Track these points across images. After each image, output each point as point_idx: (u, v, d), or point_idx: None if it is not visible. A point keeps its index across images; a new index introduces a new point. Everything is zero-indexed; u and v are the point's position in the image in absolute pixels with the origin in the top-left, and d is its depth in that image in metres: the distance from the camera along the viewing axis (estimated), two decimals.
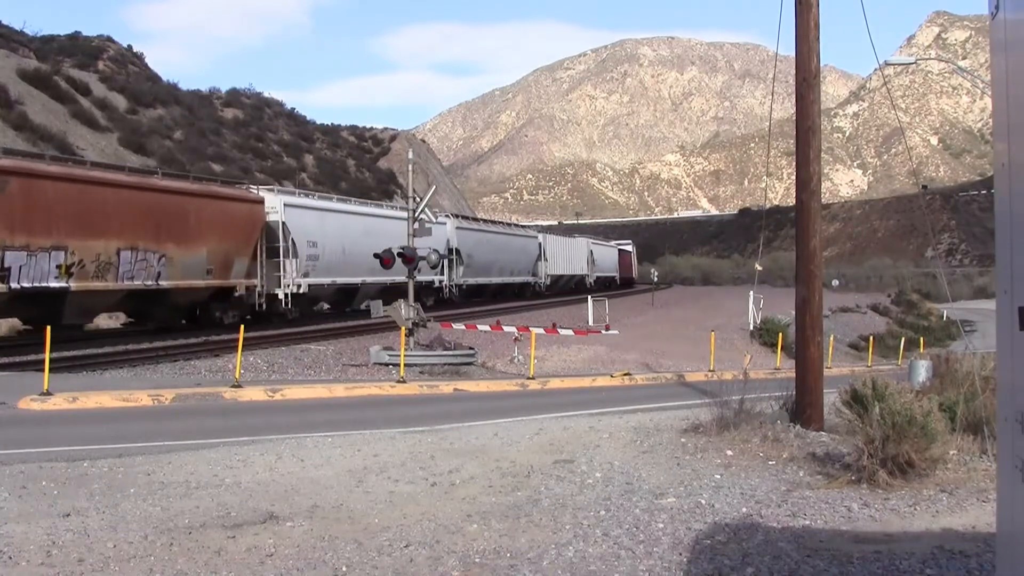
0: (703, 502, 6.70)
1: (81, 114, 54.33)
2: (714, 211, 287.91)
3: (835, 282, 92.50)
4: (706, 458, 8.29)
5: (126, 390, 14.32)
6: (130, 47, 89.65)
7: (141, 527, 6.07)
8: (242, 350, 16.20)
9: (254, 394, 14.81)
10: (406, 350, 18.57)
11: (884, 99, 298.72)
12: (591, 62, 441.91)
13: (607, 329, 26.31)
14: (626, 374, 20.50)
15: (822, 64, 10.29)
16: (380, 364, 19.76)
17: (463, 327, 24.69)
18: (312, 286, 30.18)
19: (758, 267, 33.25)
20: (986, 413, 8.21)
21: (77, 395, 13.45)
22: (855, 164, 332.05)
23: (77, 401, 13.25)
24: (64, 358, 17.67)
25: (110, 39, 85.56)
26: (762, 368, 22.17)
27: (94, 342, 21.22)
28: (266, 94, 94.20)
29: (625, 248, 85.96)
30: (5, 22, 68.38)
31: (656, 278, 67.51)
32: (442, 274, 39.20)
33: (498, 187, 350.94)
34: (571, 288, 61.14)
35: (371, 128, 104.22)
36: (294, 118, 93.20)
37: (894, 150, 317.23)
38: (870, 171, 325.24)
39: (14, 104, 47.03)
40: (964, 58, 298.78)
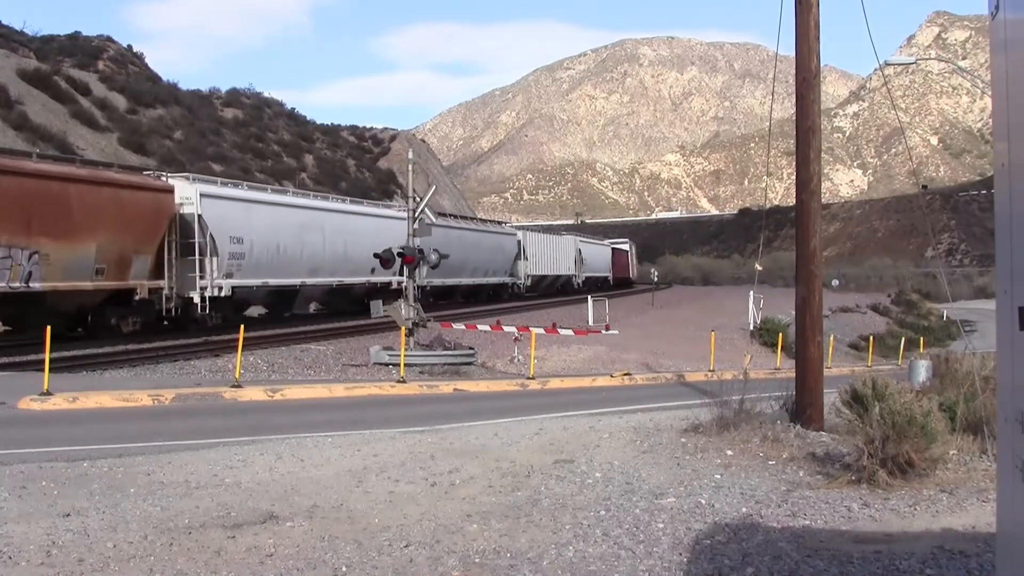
0: (703, 502, 6.70)
1: (81, 114, 54.33)
2: (696, 211, 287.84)
3: (835, 282, 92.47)
4: (706, 458, 8.29)
5: (126, 390, 14.32)
6: (130, 47, 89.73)
7: (141, 527, 6.07)
8: (242, 350, 16.20)
9: (254, 394, 14.81)
10: (406, 350, 18.58)
11: (884, 99, 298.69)
12: (591, 62, 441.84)
13: (607, 329, 26.32)
14: (626, 374, 20.51)
15: (822, 64, 10.29)
16: (380, 364, 19.77)
17: (463, 327, 24.69)
18: (238, 288, 26.47)
19: (758, 267, 33.28)
20: (986, 413, 8.21)
21: (77, 395, 13.45)
22: (855, 164, 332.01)
23: (77, 401, 13.25)
24: (64, 358, 17.67)
25: (110, 39, 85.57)
26: (762, 368, 22.17)
27: (94, 342, 21.22)
28: (266, 94, 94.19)
29: (620, 247, 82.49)
30: (5, 22, 68.51)
31: (656, 278, 66.85)
32: (402, 274, 37.15)
33: (498, 187, 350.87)
34: (557, 289, 59.07)
35: (371, 128, 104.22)
36: (294, 118, 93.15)
37: (894, 150, 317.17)
38: (870, 171, 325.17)
39: (14, 104, 47.04)
40: (964, 58, 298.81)
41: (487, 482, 7.49)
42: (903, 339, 39.42)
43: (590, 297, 35.76)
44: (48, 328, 14.67)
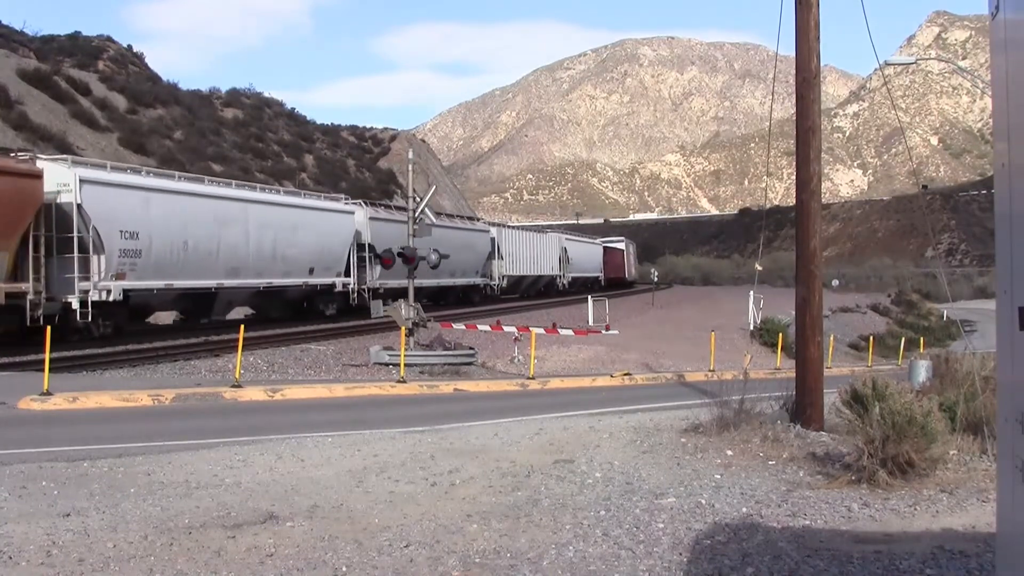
0: (703, 502, 6.70)
1: (81, 114, 54.32)
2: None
3: (835, 282, 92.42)
4: (706, 458, 8.29)
5: (126, 390, 14.32)
6: (130, 47, 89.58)
7: (141, 527, 6.07)
8: (242, 350, 16.21)
9: (254, 394, 14.81)
10: (406, 350, 18.58)
11: (884, 99, 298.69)
12: (591, 62, 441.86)
13: (607, 329, 26.31)
14: (626, 374, 20.51)
15: (822, 64, 10.29)
16: (380, 364, 19.77)
17: (463, 327, 24.70)
18: (132, 292, 22.43)
19: (758, 267, 33.29)
20: (986, 413, 8.21)
21: (77, 395, 13.45)
22: (855, 164, 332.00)
23: (77, 401, 13.25)
24: (64, 358, 17.68)
25: (110, 39, 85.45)
26: (762, 368, 22.18)
27: (94, 342, 21.21)
28: (266, 94, 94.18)
29: (615, 246, 78.41)
30: (5, 22, 68.47)
31: (656, 278, 66.54)
32: (348, 276, 32.24)
33: (498, 187, 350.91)
34: (539, 291, 55.33)
35: (371, 128, 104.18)
36: (294, 118, 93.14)
37: (894, 150, 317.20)
38: (870, 171, 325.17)
39: (14, 104, 47.02)
40: (964, 58, 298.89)
41: (487, 482, 7.49)
42: (903, 339, 39.43)
43: (590, 297, 35.73)
44: (48, 328, 14.66)
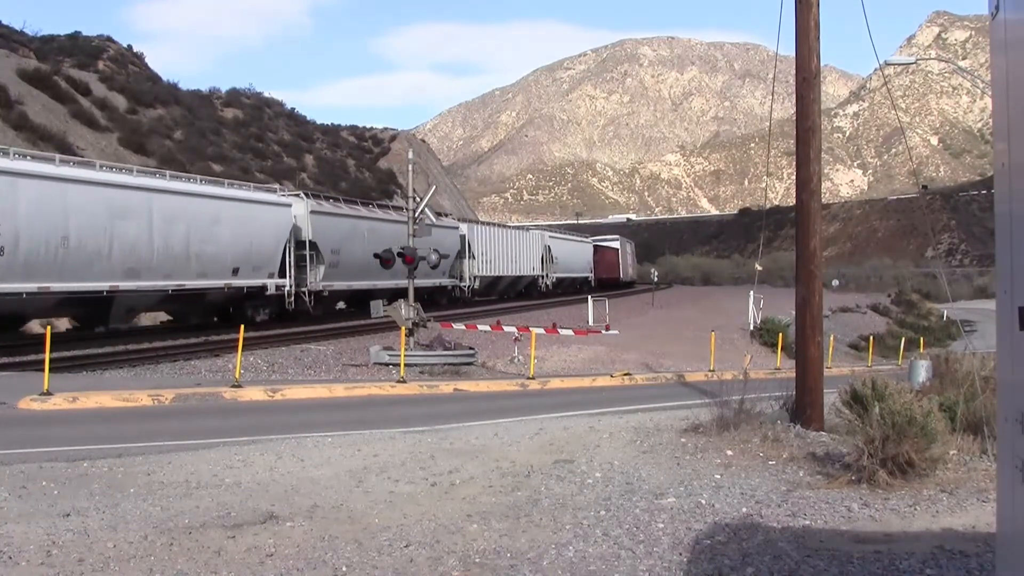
0: (703, 502, 6.70)
1: (81, 114, 54.31)
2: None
3: (835, 282, 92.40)
4: (706, 458, 8.29)
5: (126, 390, 14.32)
6: (130, 47, 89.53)
7: (141, 527, 6.07)
8: (242, 350, 16.21)
9: (254, 394, 14.81)
10: (406, 350, 18.58)
11: (884, 99, 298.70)
12: (591, 62, 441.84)
13: (607, 329, 26.31)
14: (626, 374, 20.51)
15: (822, 64, 10.29)
16: (380, 364, 19.77)
17: (463, 327, 24.70)
18: None
19: (758, 267, 33.21)
20: (986, 413, 8.21)
21: (77, 395, 13.45)
22: (855, 164, 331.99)
23: (77, 401, 13.25)
24: (64, 358, 17.68)
25: (110, 39, 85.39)
26: (762, 368, 22.17)
27: (94, 342, 21.22)
28: (266, 94, 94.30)
29: (608, 245, 74.76)
30: (5, 22, 68.38)
31: (656, 278, 66.21)
32: (284, 277, 28.63)
33: (498, 187, 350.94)
34: (520, 292, 52.01)
35: (371, 128, 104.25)
36: (294, 118, 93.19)
37: (894, 150, 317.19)
38: (870, 171, 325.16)
39: (14, 104, 47.00)
40: (964, 58, 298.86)
41: (487, 482, 7.49)
42: (903, 339, 39.42)
43: (590, 297, 35.74)
44: (48, 328, 14.66)
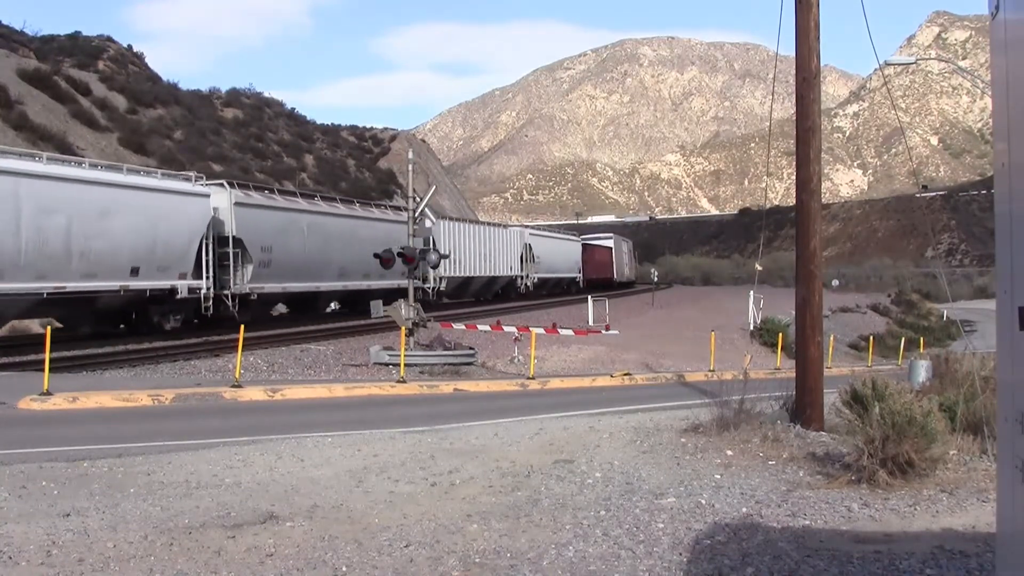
0: (703, 502, 6.70)
1: (81, 114, 54.34)
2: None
3: (835, 282, 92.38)
4: (706, 458, 8.29)
5: (126, 390, 14.32)
6: (130, 47, 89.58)
7: (141, 527, 6.07)
8: (242, 350, 16.21)
9: (254, 394, 14.81)
10: (406, 350, 18.58)
11: (884, 99, 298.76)
12: (591, 62, 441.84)
13: (607, 329, 26.31)
14: (626, 374, 20.51)
15: (822, 64, 10.29)
16: (380, 364, 19.77)
17: (463, 327, 24.70)
18: None
19: (758, 267, 33.28)
20: (986, 413, 8.21)
21: (77, 395, 13.45)
22: (855, 164, 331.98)
23: (77, 401, 13.25)
24: (64, 358, 17.68)
25: (110, 39, 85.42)
26: (762, 368, 22.17)
27: (94, 342, 21.21)
28: (266, 94, 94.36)
29: (600, 243, 70.72)
30: (5, 22, 68.39)
31: (656, 278, 65.89)
32: (201, 278, 24.87)
33: (498, 187, 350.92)
34: (496, 294, 48.58)
35: (371, 128, 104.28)
36: (294, 118, 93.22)
37: (894, 150, 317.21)
38: (870, 171, 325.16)
39: (14, 104, 47.02)
40: (964, 58, 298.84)
41: (487, 482, 7.49)
42: (903, 339, 39.42)
43: (590, 297, 35.74)
44: (48, 328, 14.67)
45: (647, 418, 10.93)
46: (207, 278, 25.07)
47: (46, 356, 13.87)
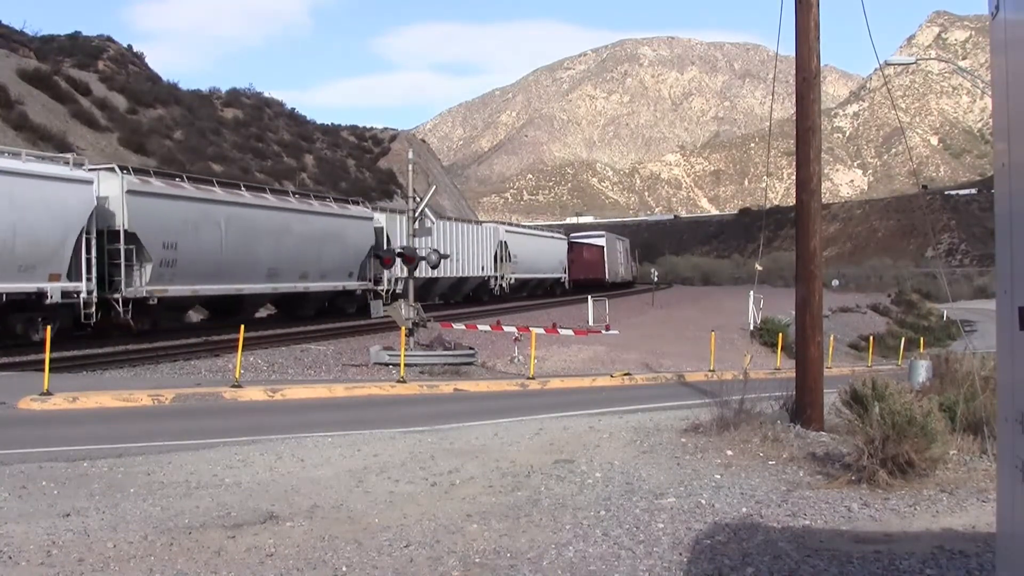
0: (703, 502, 6.70)
1: (81, 114, 54.33)
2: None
3: (835, 282, 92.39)
4: (706, 458, 8.29)
5: (126, 390, 14.32)
6: (130, 47, 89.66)
7: (141, 527, 6.07)
8: (242, 350, 16.20)
9: (254, 394, 14.81)
10: (406, 350, 18.57)
11: (884, 99, 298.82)
12: (591, 62, 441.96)
13: (607, 329, 26.30)
14: (626, 374, 20.50)
15: (822, 64, 10.29)
16: (380, 364, 19.76)
17: (463, 327, 24.70)
18: None
19: (758, 267, 33.15)
20: (986, 413, 8.21)
21: (77, 395, 13.45)
22: (855, 164, 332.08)
23: (77, 401, 13.25)
24: (64, 358, 17.68)
25: (110, 39, 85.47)
26: (762, 368, 22.17)
27: (94, 342, 21.20)
28: (266, 94, 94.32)
29: (589, 242, 66.45)
30: (5, 22, 68.43)
31: (656, 278, 65.60)
32: (80, 280, 20.78)
33: (498, 187, 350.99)
34: (467, 296, 44.34)
35: (371, 128, 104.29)
36: (294, 118, 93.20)
37: (894, 150, 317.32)
38: (870, 171, 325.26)
39: (14, 104, 47.02)
40: (964, 58, 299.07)
41: (487, 482, 7.49)
42: (903, 339, 39.40)
43: (590, 297, 35.73)
44: (48, 328, 14.67)
45: (647, 418, 10.92)
46: (87, 280, 20.89)
47: (46, 356, 13.86)
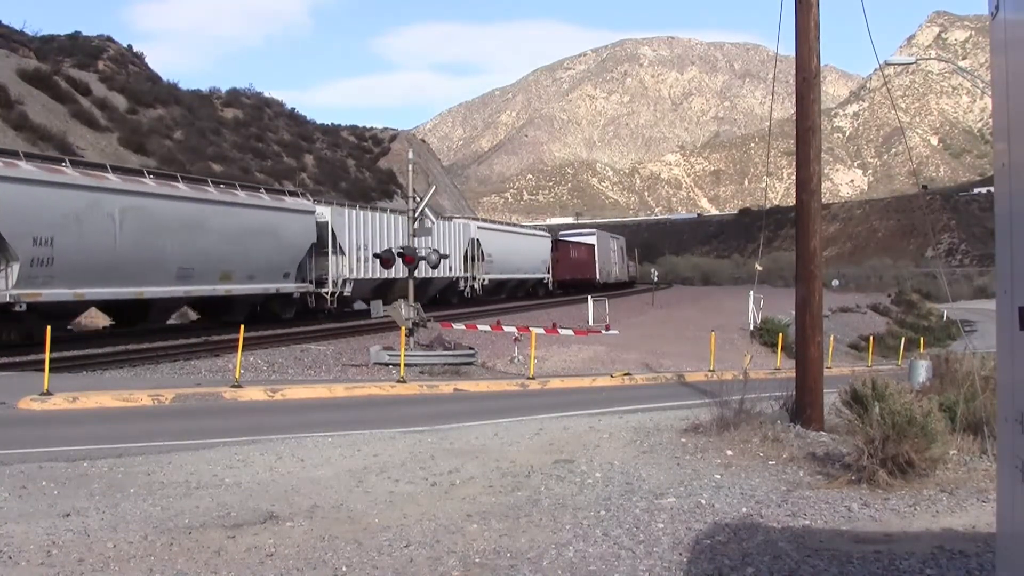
0: (703, 502, 6.70)
1: (81, 114, 54.33)
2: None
3: (835, 282, 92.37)
4: (706, 458, 8.29)
5: (126, 390, 14.31)
6: (130, 47, 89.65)
7: (141, 527, 6.07)
8: (242, 350, 16.20)
9: (254, 394, 14.80)
10: (406, 350, 18.57)
11: (884, 99, 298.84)
12: (591, 62, 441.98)
13: (607, 329, 26.31)
14: (626, 374, 20.50)
15: (822, 64, 10.29)
16: (380, 364, 19.76)
17: (463, 327, 24.70)
18: None
19: (758, 267, 33.16)
20: (986, 413, 8.21)
21: (77, 395, 13.45)
22: (855, 164, 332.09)
23: (77, 401, 13.25)
24: (64, 358, 17.67)
25: (110, 39, 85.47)
26: (762, 368, 22.16)
27: (94, 342, 21.20)
28: (266, 94, 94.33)
29: (577, 240, 62.94)
30: (5, 22, 68.43)
31: (656, 278, 65.49)
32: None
33: (498, 187, 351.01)
34: (433, 298, 39.14)
35: (371, 128, 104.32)
36: (294, 118, 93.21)
37: (894, 150, 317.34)
38: (870, 171, 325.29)
39: (14, 104, 47.02)
40: (964, 58, 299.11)
41: (487, 482, 7.49)
42: (903, 339, 39.39)
43: (590, 297, 35.72)
44: (48, 328, 14.67)
45: (647, 418, 10.92)
46: None
47: (46, 356, 13.86)
